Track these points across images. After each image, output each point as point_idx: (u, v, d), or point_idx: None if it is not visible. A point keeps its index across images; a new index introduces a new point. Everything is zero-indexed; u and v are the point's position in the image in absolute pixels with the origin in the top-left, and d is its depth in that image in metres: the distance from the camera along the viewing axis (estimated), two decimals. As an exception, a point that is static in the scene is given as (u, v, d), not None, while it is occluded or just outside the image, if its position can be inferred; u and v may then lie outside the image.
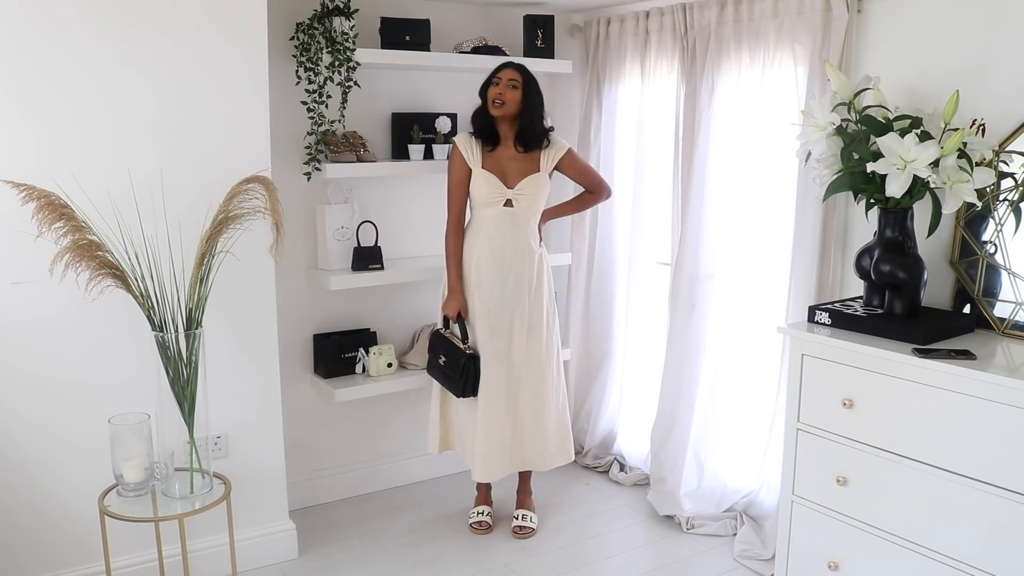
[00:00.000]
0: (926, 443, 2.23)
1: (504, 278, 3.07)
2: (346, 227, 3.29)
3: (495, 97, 3.01)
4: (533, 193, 3.08)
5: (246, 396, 2.90)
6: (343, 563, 3.05)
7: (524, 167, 3.09)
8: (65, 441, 2.62)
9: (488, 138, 3.08)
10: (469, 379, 3.04)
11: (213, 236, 2.48)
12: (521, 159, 3.09)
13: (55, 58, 2.47)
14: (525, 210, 3.08)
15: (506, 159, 3.09)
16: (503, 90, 3.01)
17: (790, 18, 2.88)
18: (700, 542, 3.20)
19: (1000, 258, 2.45)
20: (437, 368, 3.14)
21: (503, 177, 3.06)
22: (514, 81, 3.02)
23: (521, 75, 3.03)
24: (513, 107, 3.02)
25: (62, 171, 2.45)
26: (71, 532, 2.65)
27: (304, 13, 3.10)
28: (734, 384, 3.27)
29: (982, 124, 2.37)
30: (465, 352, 3.05)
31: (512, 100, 3.01)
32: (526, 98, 3.03)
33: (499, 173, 3.06)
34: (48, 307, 2.54)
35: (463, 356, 3.04)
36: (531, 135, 3.07)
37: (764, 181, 3.08)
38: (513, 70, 3.05)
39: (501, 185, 3.05)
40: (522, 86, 3.02)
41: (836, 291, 2.87)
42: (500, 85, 3.02)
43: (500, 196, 3.06)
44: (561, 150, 3.15)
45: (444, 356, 3.10)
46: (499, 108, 3.01)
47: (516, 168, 3.09)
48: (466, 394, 3.05)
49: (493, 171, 3.06)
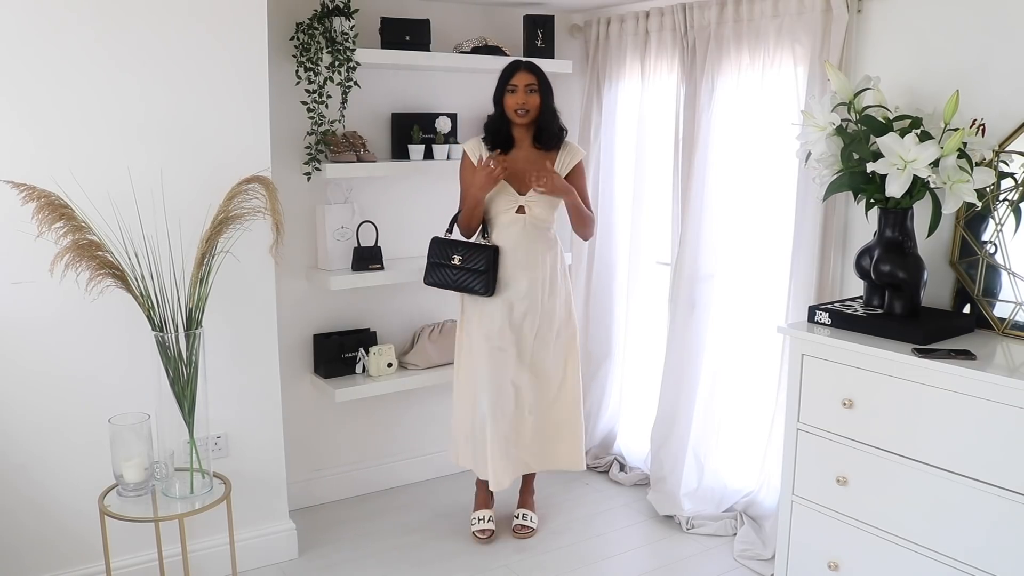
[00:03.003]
0: (926, 443, 2.23)
1: (522, 288, 3.02)
2: (346, 227, 3.29)
3: (517, 107, 2.95)
4: (546, 199, 3.00)
5: (246, 396, 2.90)
6: (343, 563, 3.05)
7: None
8: (65, 441, 2.62)
9: (505, 145, 3.03)
10: (492, 272, 2.95)
11: (213, 236, 2.48)
12: (536, 160, 3.00)
13: (55, 58, 2.47)
14: (539, 216, 3.01)
15: (521, 161, 3.01)
16: (524, 97, 2.96)
17: (790, 18, 2.88)
18: (700, 542, 3.19)
19: (1000, 258, 2.45)
20: (445, 271, 3.02)
21: (517, 182, 2.99)
22: (532, 86, 2.97)
23: (536, 77, 2.98)
24: (535, 112, 2.98)
25: (62, 171, 2.45)
26: (71, 532, 2.65)
27: (304, 13, 3.10)
28: (734, 384, 3.27)
29: (982, 124, 2.37)
30: (487, 245, 2.98)
31: (534, 106, 2.97)
32: (544, 99, 2.99)
33: (513, 178, 2.98)
34: (48, 307, 2.54)
35: (485, 248, 2.97)
36: (550, 134, 3.02)
37: (764, 181, 3.08)
38: (528, 74, 2.97)
39: (513, 192, 2.99)
40: (539, 88, 2.98)
41: (836, 291, 2.87)
42: (518, 92, 2.95)
43: (512, 203, 3.00)
44: (575, 156, 3.08)
45: (459, 255, 2.99)
46: (524, 117, 2.97)
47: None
48: (489, 289, 2.95)
49: (507, 177, 2.98)
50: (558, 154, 3.05)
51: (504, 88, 2.98)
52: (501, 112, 3.01)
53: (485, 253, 2.96)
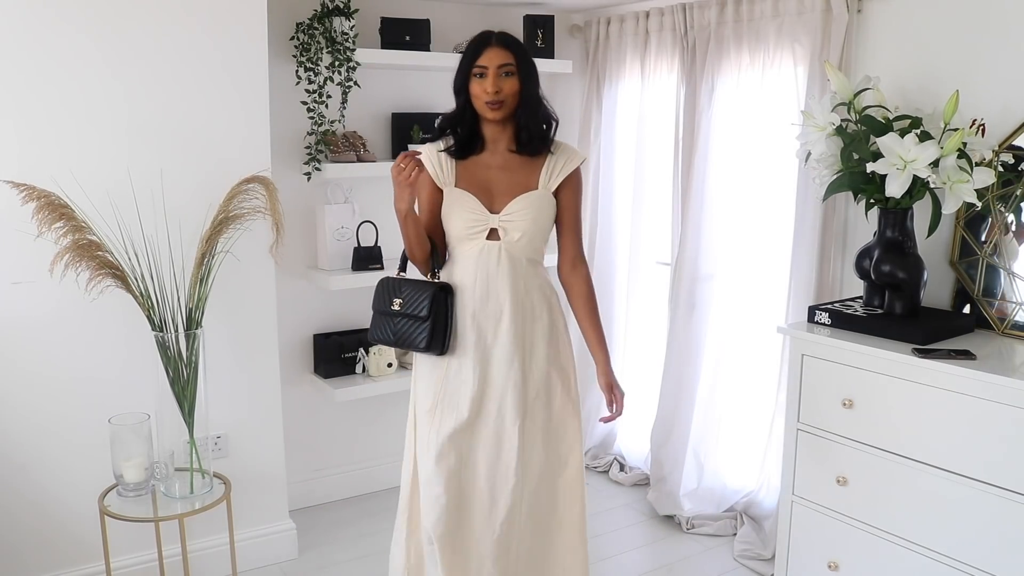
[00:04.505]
0: (926, 443, 2.23)
1: (487, 346, 2.16)
2: (346, 227, 3.29)
3: (489, 98, 2.09)
4: (530, 219, 2.15)
5: (246, 396, 2.90)
6: (343, 563, 3.05)
7: (519, 180, 2.18)
8: (65, 441, 2.62)
9: (469, 150, 2.20)
10: (440, 320, 2.12)
11: (213, 236, 2.48)
12: (516, 168, 2.18)
13: (56, 58, 2.47)
14: (520, 244, 2.15)
15: (495, 169, 2.18)
16: (496, 83, 2.08)
17: (790, 18, 2.88)
18: (700, 542, 3.19)
19: (1000, 258, 2.45)
20: (387, 321, 2.19)
21: (488, 196, 2.16)
22: (507, 67, 2.09)
23: (514, 55, 2.11)
24: (513, 102, 2.12)
25: (62, 171, 2.45)
26: (71, 532, 2.65)
27: (304, 13, 3.10)
28: (734, 384, 3.27)
29: (982, 124, 2.37)
30: (432, 281, 2.17)
31: (511, 94, 2.11)
32: (524, 84, 2.12)
33: (482, 190, 2.17)
34: (48, 307, 2.54)
35: (429, 286, 2.14)
36: (533, 134, 2.16)
37: (764, 181, 3.08)
38: (502, 50, 2.10)
39: (483, 209, 2.15)
40: (518, 69, 2.12)
41: (836, 291, 2.87)
42: (489, 77, 2.08)
43: (482, 224, 2.15)
44: (572, 161, 2.21)
45: (400, 298, 2.16)
46: (498, 110, 2.11)
47: (507, 182, 2.17)
48: (434, 344, 2.12)
49: (473, 188, 2.17)
50: (547, 159, 2.19)
51: (469, 71, 2.11)
52: (466, 104, 2.16)
53: (428, 292, 2.13)
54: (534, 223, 2.15)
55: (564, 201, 2.21)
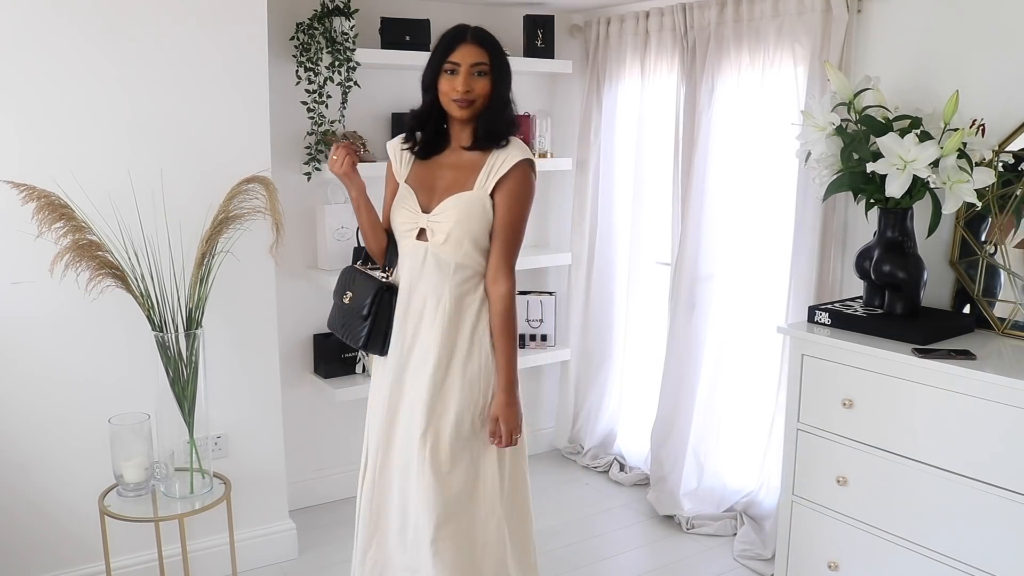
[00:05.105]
0: (926, 443, 2.23)
1: (404, 350, 2.10)
2: (346, 227, 3.29)
3: (458, 96, 2.00)
4: (454, 220, 2.02)
5: (246, 396, 2.90)
6: (343, 563, 3.05)
7: (458, 179, 2.07)
8: (65, 441, 2.62)
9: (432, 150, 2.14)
10: (380, 320, 2.11)
11: (213, 236, 2.48)
12: (462, 167, 2.07)
13: (56, 58, 2.47)
14: (446, 247, 2.03)
15: (446, 167, 2.10)
16: (468, 82, 2.00)
17: (790, 18, 2.88)
18: (700, 542, 3.20)
19: (1000, 258, 2.45)
20: (339, 310, 2.22)
21: (428, 194, 2.09)
22: (481, 66, 2.01)
23: (488, 53, 2.03)
24: (482, 103, 2.04)
25: (62, 171, 2.45)
26: (71, 532, 2.65)
27: (304, 13, 3.10)
28: (734, 384, 3.27)
29: (982, 124, 2.37)
30: (380, 280, 2.15)
31: (482, 93, 2.02)
32: (496, 86, 2.04)
33: (424, 188, 2.10)
34: (48, 307, 2.54)
35: (375, 285, 2.13)
36: (493, 134, 2.06)
37: (764, 181, 3.08)
38: (477, 48, 2.02)
39: (417, 207, 2.08)
40: (491, 69, 2.03)
41: (836, 291, 2.87)
42: (460, 75, 2.00)
43: (412, 223, 2.08)
44: (509, 160, 2.03)
45: (351, 291, 2.18)
46: (467, 109, 2.02)
47: (448, 181, 2.08)
48: (372, 344, 2.13)
49: (416, 184, 2.11)
50: (488, 158, 2.05)
51: (440, 66, 2.03)
52: (433, 102, 2.08)
53: (372, 291, 2.13)
54: (459, 225, 2.01)
55: (496, 204, 2.04)
